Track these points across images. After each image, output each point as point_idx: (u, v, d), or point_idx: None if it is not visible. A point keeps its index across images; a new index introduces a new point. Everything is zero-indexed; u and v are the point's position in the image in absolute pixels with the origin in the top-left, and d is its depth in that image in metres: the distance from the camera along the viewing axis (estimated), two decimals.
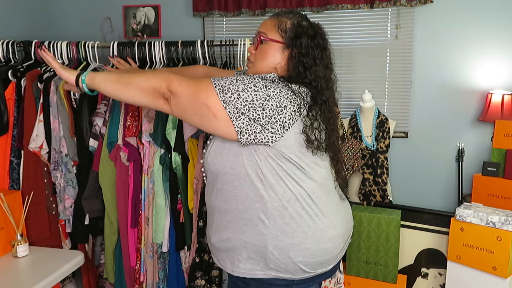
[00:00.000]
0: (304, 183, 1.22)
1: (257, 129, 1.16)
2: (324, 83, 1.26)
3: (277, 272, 1.23)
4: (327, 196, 1.28)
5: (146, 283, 2.10)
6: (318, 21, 1.39)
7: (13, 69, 2.11)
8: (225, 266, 1.31)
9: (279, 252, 1.22)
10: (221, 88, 1.17)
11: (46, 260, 1.68)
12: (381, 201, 2.50)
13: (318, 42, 1.29)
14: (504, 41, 2.50)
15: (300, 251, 1.22)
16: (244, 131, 1.17)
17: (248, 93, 1.16)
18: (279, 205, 1.21)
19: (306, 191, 1.22)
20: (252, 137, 1.17)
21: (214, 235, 1.33)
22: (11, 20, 2.60)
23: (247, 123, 1.16)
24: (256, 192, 1.21)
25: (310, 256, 1.23)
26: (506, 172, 2.29)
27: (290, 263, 1.22)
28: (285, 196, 1.21)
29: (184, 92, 1.20)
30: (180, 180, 2.01)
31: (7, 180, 2.08)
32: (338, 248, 1.31)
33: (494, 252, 1.86)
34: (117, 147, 1.98)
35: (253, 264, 1.24)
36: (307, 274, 1.24)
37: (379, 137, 2.52)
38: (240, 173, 1.22)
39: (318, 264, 1.26)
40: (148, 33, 2.89)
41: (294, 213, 1.21)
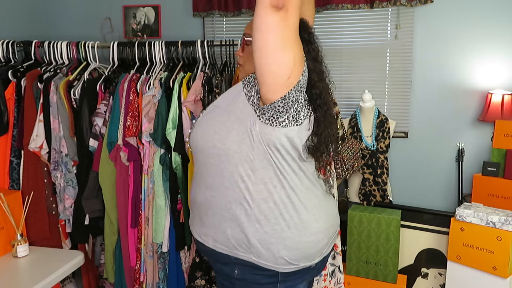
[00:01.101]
0: (288, 174, 1.21)
1: (293, 107, 1.14)
2: (316, 76, 1.25)
3: (258, 258, 1.20)
4: (308, 190, 1.26)
5: (146, 283, 2.10)
6: (318, 21, 1.38)
7: (13, 69, 2.11)
8: (208, 242, 1.27)
9: (261, 237, 1.19)
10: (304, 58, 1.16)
11: (46, 260, 1.68)
12: (381, 201, 2.50)
13: (303, 35, 1.25)
14: (504, 41, 2.50)
15: (282, 239, 1.19)
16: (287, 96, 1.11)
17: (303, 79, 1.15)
18: (264, 188, 1.19)
19: (289, 182, 1.21)
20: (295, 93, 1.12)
21: (198, 208, 1.29)
22: (11, 20, 2.61)
23: (295, 98, 1.13)
24: (244, 171, 1.19)
25: (292, 246, 1.20)
26: (506, 172, 2.29)
27: (272, 250, 1.19)
28: (272, 181, 1.19)
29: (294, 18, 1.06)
30: (180, 180, 2.01)
31: (7, 180, 2.08)
32: (322, 242, 1.28)
33: (494, 252, 1.86)
34: (117, 147, 1.99)
35: (235, 244, 1.22)
36: (290, 266, 1.21)
37: (379, 137, 2.52)
38: (229, 148, 1.19)
39: (302, 258, 1.23)
40: (148, 33, 2.89)
41: (279, 200, 1.20)
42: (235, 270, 1.24)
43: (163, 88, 2.00)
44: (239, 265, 1.23)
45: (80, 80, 2.12)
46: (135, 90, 2.02)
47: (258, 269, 1.21)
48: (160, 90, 1.98)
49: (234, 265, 1.24)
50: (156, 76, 2.05)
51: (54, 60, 2.21)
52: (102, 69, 2.22)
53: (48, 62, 2.22)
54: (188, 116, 1.98)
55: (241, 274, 1.23)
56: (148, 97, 1.99)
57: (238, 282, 1.25)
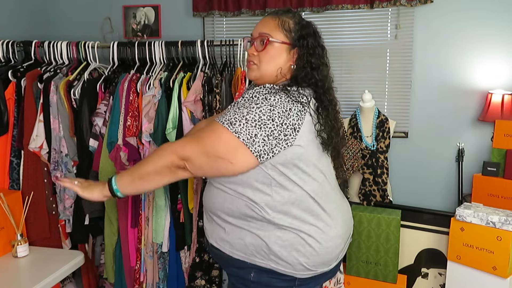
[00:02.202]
0: (308, 185, 1.23)
1: (272, 144, 1.16)
2: (329, 82, 1.29)
3: (277, 264, 1.22)
4: (328, 195, 1.29)
5: (146, 283, 2.10)
6: (318, 21, 1.40)
7: (13, 69, 2.11)
8: (225, 248, 1.28)
9: (282, 245, 1.21)
10: (229, 121, 1.17)
11: (46, 260, 1.68)
12: (381, 201, 2.50)
13: (319, 41, 1.30)
14: (504, 41, 2.50)
15: (302, 246, 1.22)
16: (262, 153, 1.16)
17: (253, 113, 1.16)
18: (284, 207, 1.22)
19: (308, 193, 1.23)
20: (271, 155, 1.17)
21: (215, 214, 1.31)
22: (11, 20, 2.60)
23: (263, 143, 1.15)
24: (261, 196, 1.21)
25: (312, 253, 1.23)
26: (506, 172, 2.29)
27: (292, 258, 1.22)
28: (290, 199, 1.22)
29: (192, 153, 1.18)
30: (180, 181, 2.01)
31: (7, 180, 2.08)
32: (339, 247, 1.31)
33: (494, 252, 1.86)
34: (117, 147, 1.98)
35: (253, 250, 1.23)
36: (309, 272, 1.24)
37: (379, 137, 2.52)
38: (247, 180, 1.22)
39: (320, 263, 1.26)
40: (148, 33, 2.88)
41: (298, 213, 1.22)
42: (251, 273, 1.26)
43: (163, 88, 2.00)
44: (255, 269, 1.25)
45: (80, 80, 2.12)
46: (135, 90, 2.02)
47: (276, 274, 1.23)
48: (160, 90, 1.98)
49: (250, 269, 1.25)
50: (156, 76, 2.05)
51: (54, 60, 2.21)
52: (102, 69, 2.22)
53: (48, 62, 2.22)
54: (188, 116, 1.98)
55: (257, 278, 1.25)
56: (148, 97, 1.99)
57: (253, 285, 1.26)
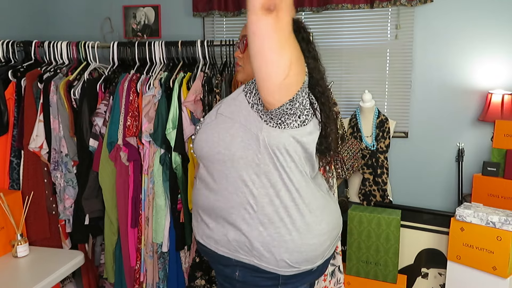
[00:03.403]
0: (294, 176, 1.21)
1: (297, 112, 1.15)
2: (317, 74, 1.27)
3: (260, 260, 1.20)
4: (313, 192, 1.27)
5: (146, 283, 2.10)
6: (318, 21, 1.40)
7: (13, 69, 2.11)
8: (210, 244, 1.27)
9: (264, 240, 1.19)
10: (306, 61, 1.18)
11: (46, 260, 1.68)
12: (381, 201, 2.50)
13: (303, 35, 1.29)
14: (504, 41, 2.50)
15: (285, 242, 1.19)
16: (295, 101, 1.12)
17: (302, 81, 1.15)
18: (269, 192, 1.19)
19: (294, 184, 1.21)
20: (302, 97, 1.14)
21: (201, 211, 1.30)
22: (11, 20, 2.60)
23: (301, 100, 1.15)
24: (248, 176, 1.19)
25: (295, 249, 1.20)
26: (506, 172, 2.29)
27: (274, 253, 1.19)
28: (277, 185, 1.20)
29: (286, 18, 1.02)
30: (180, 180, 2.01)
31: (7, 180, 2.08)
32: (324, 245, 1.28)
33: (494, 252, 1.86)
34: (117, 147, 1.98)
35: (236, 246, 1.22)
36: (292, 269, 1.21)
37: (379, 137, 2.52)
38: (234, 154, 1.20)
39: (303, 260, 1.22)
40: (148, 33, 2.88)
41: (283, 203, 1.20)
42: (236, 272, 1.24)
43: (163, 88, 2.00)
44: (240, 267, 1.23)
45: (80, 80, 2.12)
46: (135, 90, 2.02)
47: (259, 272, 1.21)
48: (160, 90, 1.98)
49: (235, 267, 1.24)
50: (156, 76, 2.05)
51: (54, 60, 2.21)
52: (102, 69, 2.22)
53: (48, 62, 2.22)
54: (188, 116, 1.98)
55: (242, 276, 1.23)
56: (148, 97, 1.99)
57: (239, 284, 1.25)
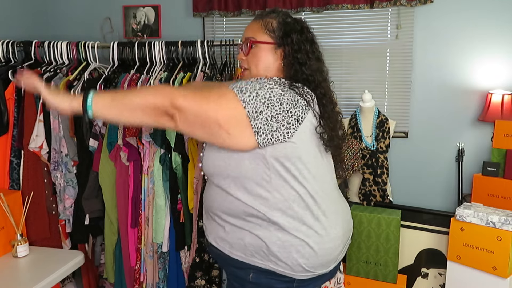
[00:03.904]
0: (308, 182, 1.22)
1: (273, 127, 1.15)
2: (320, 76, 1.28)
3: (276, 265, 1.21)
4: (328, 196, 1.29)
5: (146, 283, 2.10)
6: (318, 21, 1.40)
7: (13, 69, 2.11)
8: (224, 247, 1.28)
9: (281, 246, 1.21)
10: (239, 88, 1.16)
11: (46, 260, 1.68)
12: (381, 201, 2.50)
13: (307, 36, 1.29)
14: (504, 41, 2.50)
15: (302, 247, 1.22)
16: (261, 131, 1.15)
17: (265, 90, 1.16)
18: (284, 205, 1.21)
19: (309, 191, 1.22)
20: (269, 137, 1.16)
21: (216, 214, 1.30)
22: (11, 20, 2.60)
23: (265, 122, 1.14)
24: (260, 194, 1.20)
25: (311, 254, 1.23)
26: (506, 172, 2.29)
27: (291, 259, 1.22)
28: (290, 196, 1.21)
29: (191, 107, 1.11)
30: (180, 180, 2.01)
31: (7, 180, 2.08)
32: (338, 249, 1.31)
33: (494, 252, 1.86)
34: (117, 147, 1.99)
35: (253, 251, 1.23)
36: (307, 273, 1.24)
37: (379, 137, 2.52)
38: (245, 175, 1.21)
39: (319, 265, 1.25)
40: (148, 33, 2.88)
41: (298, 213, 1.22)
42: (250, 274, 1.25)
43: None
44: (254, 270, 1.24)
45: (80, 80, 2.12)
46: None
47: (275, 275, 1.23)
48: None
49: (249, 269, 1.25)
50: (156, 76, 2.05)
51: (54, 60, 2.21)
52: (102, 69, 2.22)
53: (48, 62, 2.22)
54: None
55: (255, 278, 1.24)
56: None
57: (251, 285, 1.26)
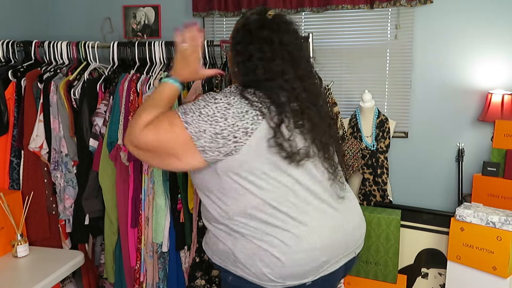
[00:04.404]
0: (267, 192, 1.16)
1: (219, 144, 1.14)
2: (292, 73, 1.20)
3: (244, 273, 1.20)
4: (304, 203, 1.19)
5: (146, 283, 2.10)
6: (318, 21, 1.37)
7: (13, 69, 2.11)
8: (207, 251, 1.35)
9: (246, 254, 1.19)
10: (184, 111, 1.17)
11: (46, 260, 1.68)
12: (381, 201, 2.50)
13: (263, 34, 1.19)
14: (504, 41, 2.50)
15: (266, 256, 1.16)
16: (207, 149, 1.14)
17: (209, 107, 1.16)
18: (243, 215, 1.19)
19: (268, 202, 1.16)
20: (216, 153, 1.15)
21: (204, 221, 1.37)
22: (11, 20, 2.60)
23: (210, 140, 1.13)
24: (220, 204, 1.22)
25: (276, 263, 1.16)
26: (506, 172, 2.29)
27: (255, 267, 1.18)
28: (248, 206, 1.18)
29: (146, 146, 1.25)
30: (180, 180, 2.01)
31: (7, 180, 2.08)
32: (317, 261, 1.18)
33: (494, 252, 1.86)
34: (117, 147, 1.98)
35: (225, 257, 1.26)
36: (275, 283, 1.17)
37: (379, 137, 2.52)
38: (206, 187, 1.25)
39: (288, 276, 1.17)
40: (148, 33, 2.88)
41: (260, 222, 1.18)
42: (230, 277, 1.28)
43: None
44: (231, 274, 1.27)
45: (80, 80, 2.12)
46: (135, 90, 2.02)
47: (247, 282, 1.22)
48: None
49: (228, 273, 1.28)
50: (156, 76, 2.05)
51: (54, 60, 2.21)
52: (102, 69, 2.22)
53: (48, 62, 2.22)
54: None
55: (233, 281, 1.27)
56: None
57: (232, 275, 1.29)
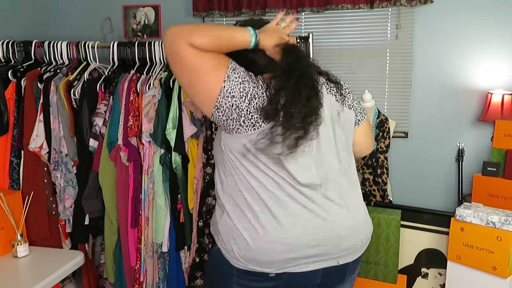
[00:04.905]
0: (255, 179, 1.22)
1: (233, 115, 1.19)
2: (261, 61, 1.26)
3: (222, 246, 1.30)
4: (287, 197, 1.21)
5: (146, 283, 2.10)
6: (318, 21, 1.38)
7: (13, 69, 2.11)
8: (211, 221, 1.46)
9: (225, 229, 1.29)
10: (234, 67, 1.20)
11: (46, 260, 1.68)
12: (381, 201, 2.50)
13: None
14: (504, 41, 2.50)
15: (238, 236, 1.24)
16: (222, 109, 1.19)
17: (248, 84, 1.19)
18: (233, 192, 1.27)
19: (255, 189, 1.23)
20: (224, 118, 1.20)
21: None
22: (11, 20, 2.60)
23: (229, 107, 1.18)
24: (220, 175, 1.32)
25: (245, 246, 1.23)
26: (506, 172, 2.29)
27: (229, 243, 1.27)
28: (237, 186, 1.25)
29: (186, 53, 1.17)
30: (180, 180, 2.01)
31: (7, 180, 2.08)
32: (282, 255, 1.21)
33: (494, 252, 1.86)
34: (117, 147, 1.98)
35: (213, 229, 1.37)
36: (240, 263, 1.24)
37: (379, 137, 2.52)
38: (217, 159, 1.34)
39: (252, 260, 1.22)
40: (148, 33, 2.88)
41: (242, 204, 1.25)
42: (215, 250, 1.37)
43: (163, 88, 2.00)
44: (217, 247, 1.35)
45: (80, 80, 2.12)
46: (135, 90, 2.02)
47: (223, 257, 1.30)
48: (160, 90, 1.98)
49: (215, 245, 1.37)
50: (156, 76, 2.05)
51: (54, 60, 2.21)
52: (102, 69, 2.22)
53: (48, 62, 2.22)
54: (188, 116, 1.98)
55: (215, 256, 1.35)
56: (148, 97, 1.99)
57: (212, 259, 1.39)
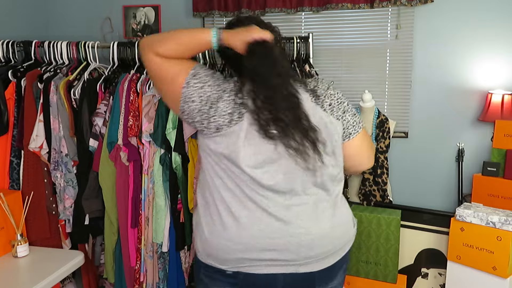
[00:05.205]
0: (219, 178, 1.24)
1: (196, 118, 1.24)
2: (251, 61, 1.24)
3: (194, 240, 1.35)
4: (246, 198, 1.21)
5: (146, 283, 2.10)
6: (318, 21, 1.39)
7: (13, 69, 2.11)
8: None
9: (194, 225, 1.36)
10: (196, 72, 1.25)
11: (46, 260, 1.68)
12: (381, 201, 2.50)
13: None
14: (504, 41, 2.50)
15: (201, 231, 1.29)
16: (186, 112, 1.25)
17: (210, 88, 1.23)
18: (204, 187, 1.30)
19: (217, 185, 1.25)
20: (190, 121, 1.26)
21: None
22: (11, 20, 2.60)
23: (191, 110, 1.24)
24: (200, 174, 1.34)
25: (204, 241, 1.27)
26: (506, 172, 2.29)
27: (195, 237, 1.33)
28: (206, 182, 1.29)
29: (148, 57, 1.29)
30: (180, 180, 2.01)
31: (7, 180, 2.08)
32: (236, 254, 1.21)
33: (494, 252, 1.86)
34: (117, 147, 1.98)
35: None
36: (201, 256, 1.30)
37: (379, 137, 2.52)
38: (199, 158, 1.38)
39: (208, 254, 1.27)
40: (148, 33, 2.88)
41: (211, 198, 1.27)
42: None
43: None
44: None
45: (80, 80, 2.12)
46: (135, 90, 2.02)
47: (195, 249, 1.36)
48: None
49: None
50: None
51: (54, 60, 2.21)
52: (102, 69, 2.22)
53: (48, 62, 2.22)
54: None
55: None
56: (148, 97, 1.99)
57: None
